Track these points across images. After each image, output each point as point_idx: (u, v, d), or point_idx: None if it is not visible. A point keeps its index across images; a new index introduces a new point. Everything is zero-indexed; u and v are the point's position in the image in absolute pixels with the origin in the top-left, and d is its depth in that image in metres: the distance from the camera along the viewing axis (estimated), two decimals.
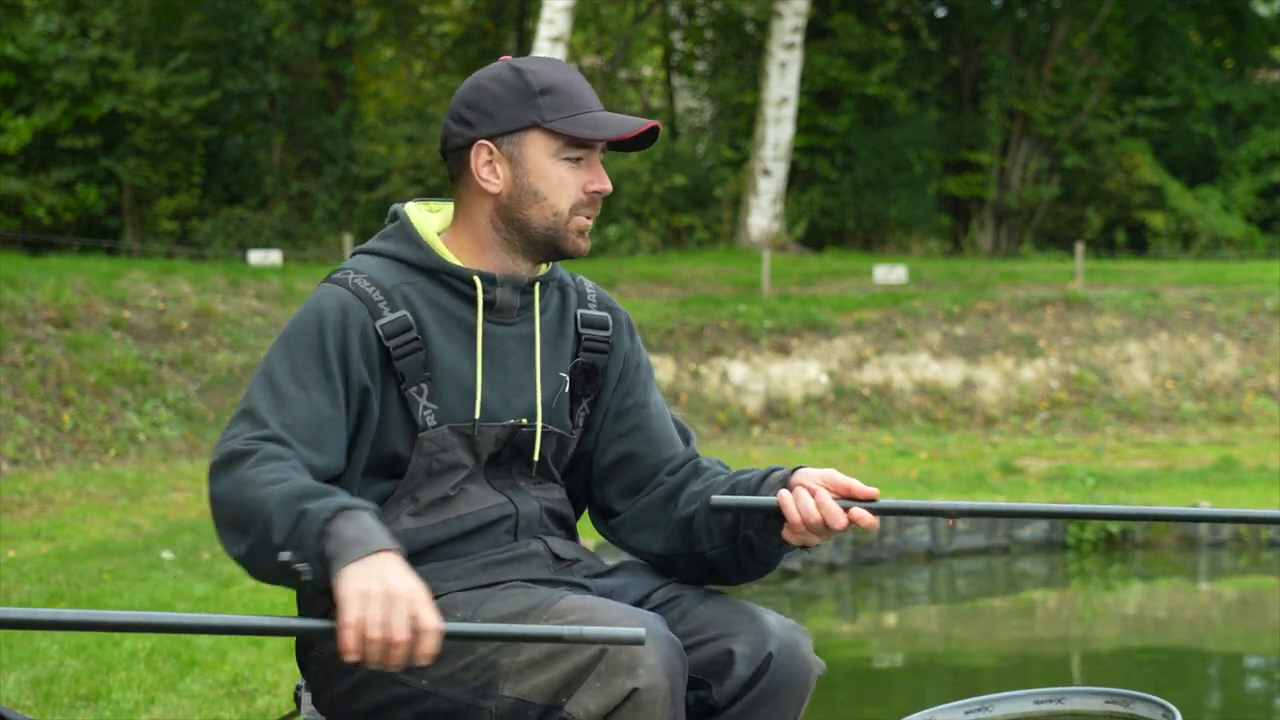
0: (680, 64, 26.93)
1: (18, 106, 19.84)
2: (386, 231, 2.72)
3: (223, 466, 2.50)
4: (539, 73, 2.64)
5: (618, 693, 2.34)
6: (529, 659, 2.42)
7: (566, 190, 2.64)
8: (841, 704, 7.63)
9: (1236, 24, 26.37)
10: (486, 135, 2.63)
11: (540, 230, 2.65)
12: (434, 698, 2.49)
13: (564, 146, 2.63)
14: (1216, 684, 8.48)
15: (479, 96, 2.65)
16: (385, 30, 24.96)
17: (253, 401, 2.52)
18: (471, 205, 2.68)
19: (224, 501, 2.48)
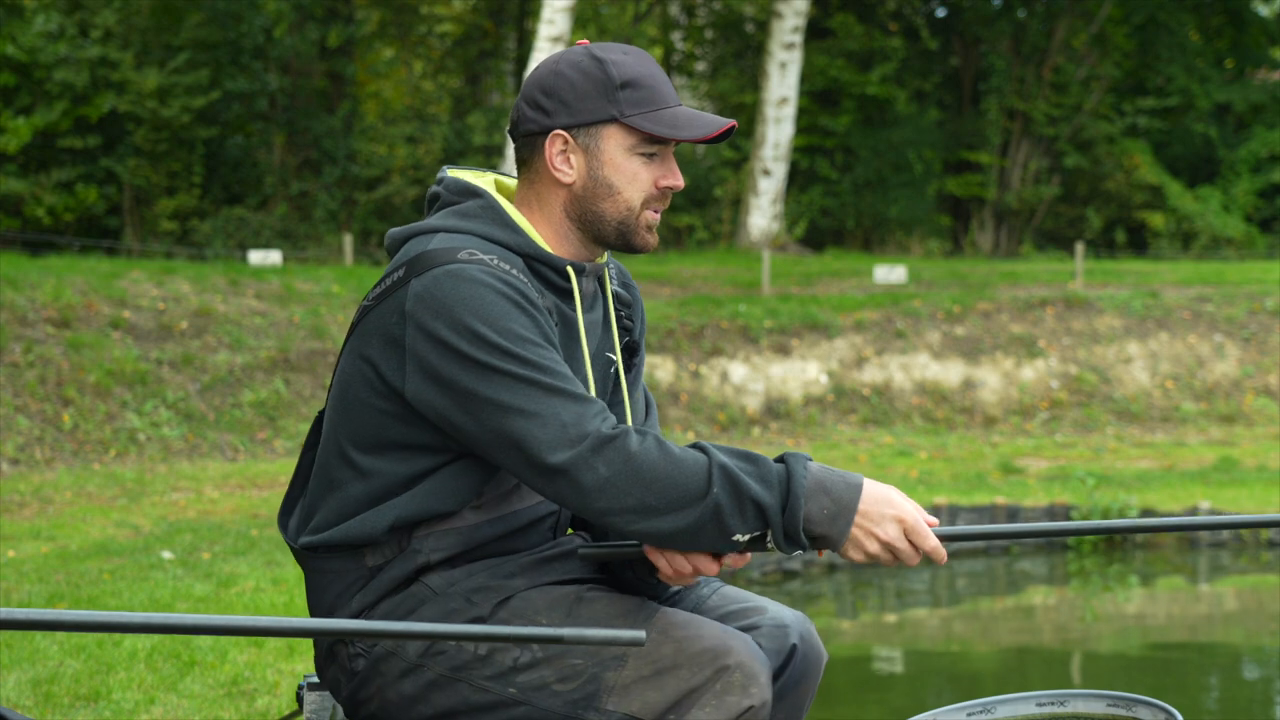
0: (680, 64, 26.94)
1: (18, 106, 19.84)
2: (470, 209, 2.59)
3: (598, 457, 2.38)
4: (621, 64, 2.58)
5: (734, 710, 2.40)
6: (636, 674, 2.43)
7: (640, 184, 2.60)
8: (842, 704, 7.63)
9: (1236, 24, 26.37)
10: (563, 125, 2.58)
11: (613, 224, 2.61)
12: (523, 707, 2.48)
13: (640, 142, 2.59)
14: (1216, 684, 8.48)
15: (558, 84, 2.58)
16: (385, 30, 24.96)
17: (546, 384, 2.40)
18: (544, 191, 2.62)
19: (650, 484, 2.38)
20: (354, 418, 2.55)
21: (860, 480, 2.43)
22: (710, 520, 2.37)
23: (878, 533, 2.43)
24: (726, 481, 2.37)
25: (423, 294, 2.45)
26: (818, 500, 2.40)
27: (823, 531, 2.41)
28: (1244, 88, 25.86)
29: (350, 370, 2.57)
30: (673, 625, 2.47)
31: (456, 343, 2.42)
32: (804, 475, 2.40)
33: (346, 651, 2.58)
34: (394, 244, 2.62)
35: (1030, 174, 25.06)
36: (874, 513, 2.43)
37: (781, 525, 2.38)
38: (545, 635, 2.24)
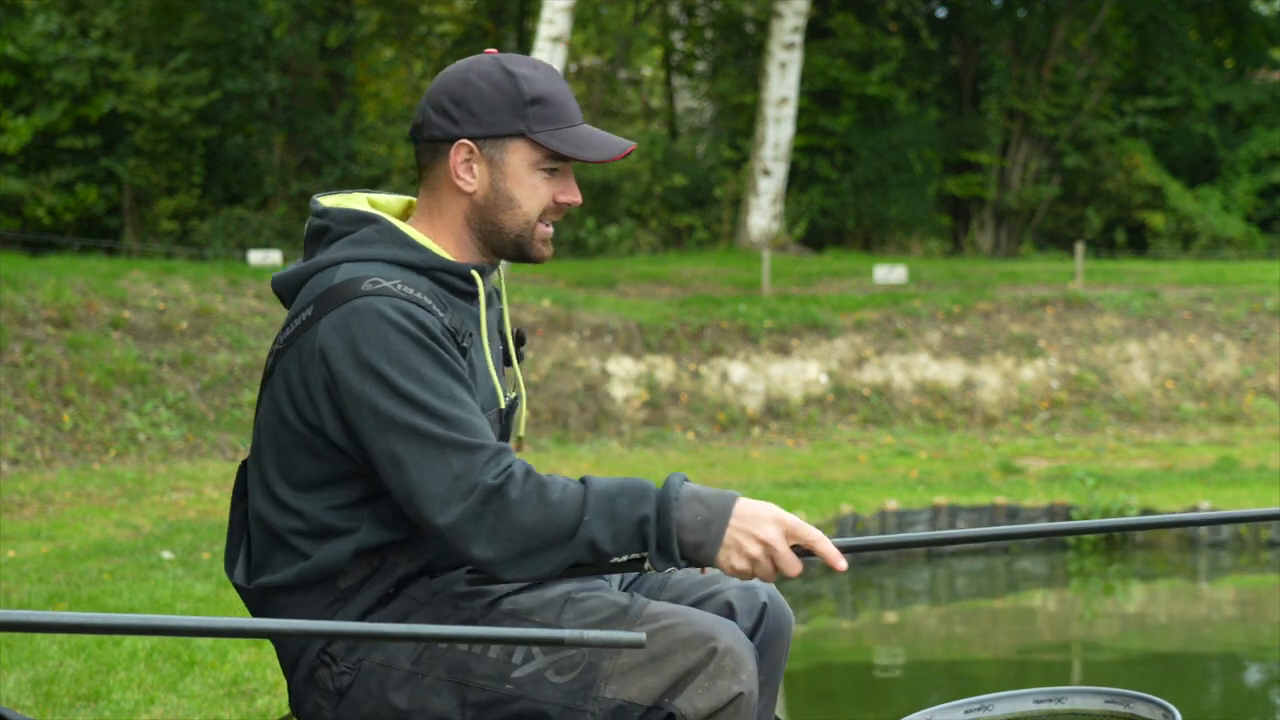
0: (680, 64, 26.93)
1: (18, 106, 19.83)
2: (367, 236, 2.62)
3: (486, 508, 2.43)
4: (531, 80, 2.62)
5: (724, 695, 2.46)
6: (632, 661, 2.49)
7: (539, 199, 2.65)
8: (841, 703, 7.64)
9: (1236, 24, 26.37)
10: (470, 135, 2.62)
11: (511, 235, 2.66)
12: (522, 701, 2.51)
13: (545, 158, 2.63)
14: (1216, 684, 8.48)
15: (468, 94, 2.62)
16: (385, 30, 24.96)
17: (439, 436, 2.44)
18: (445, 199, 2.67)
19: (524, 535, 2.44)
20: (285, 461, 2.58)
21: (737, 493, 2.47)
22: (585, 550, 2.43)
23: (756, 533, 2.44)
24: (601, 507, 2.42)
25: (331, 333, 2.50)
26: (691, 507, 2.44)
27: (697, 538, 2.43)
28: (1244, 88, 25.85)
29: (271, 416, 2.60)
30: (663, 614, 2.52)
31: (360, 387, 2.47)
32: (678, 486, 2.45)
33: (330, 671, 2.57)
34: (288, 288, 2.65)
35: (1030, 174, 25.06)
36: (750, 515, 2.45)
37: (655, 535, 2.42)
38: (547, 638, 2.24)
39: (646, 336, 15.48)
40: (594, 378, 14.98)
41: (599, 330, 15.40)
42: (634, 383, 15.10)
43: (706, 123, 26.83)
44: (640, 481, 2.46)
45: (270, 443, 2.60)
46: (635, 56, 26.96)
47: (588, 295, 16.31)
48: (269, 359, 2.61)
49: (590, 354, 15.17)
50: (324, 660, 2.58)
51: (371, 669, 2.55)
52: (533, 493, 2.43)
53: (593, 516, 2.41)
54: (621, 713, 2.49)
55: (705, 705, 2.46)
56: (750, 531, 2.44)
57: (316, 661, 2.59)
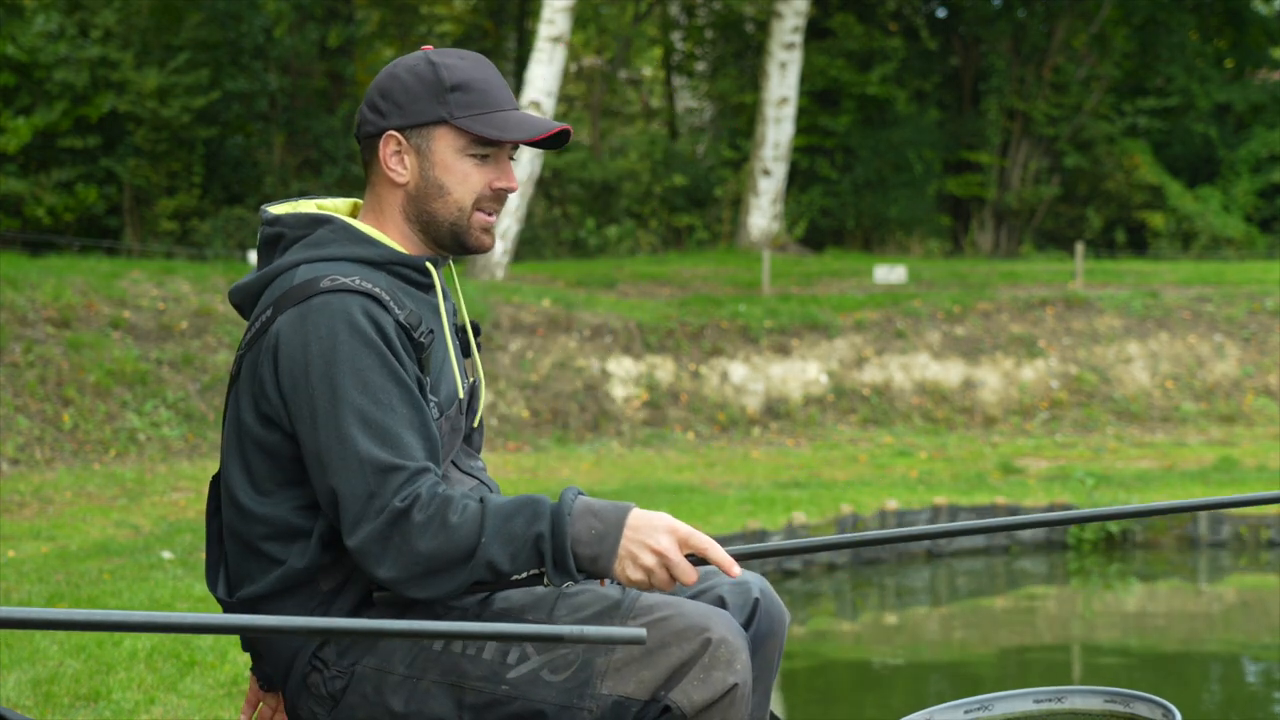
0: (680, 64, 26.93)
1: (18, 106, 19.83)
2: (322, 237, 2.64)
3: (393, 531, 2.44)
4: (453, 68, 2.65)
5: (720, 686, 2.46)
6: (627, 656, 2.50)
7: (471, 185, 2.66)
8: (841, 704, 7.64)
9: (1236, 24, 26.37)
10: (396, 126, 2.65)
11: (446, 224, 2.67)
12: (518, 702, 2.51)
13: (470, 143, 2.64)
14: (1216, 684, 8.48)
15: (392, 86, 2.66)
16: (385, 30, 24.97)
17: (363, 451, 2.45)
18: (384, 193, 2.69)
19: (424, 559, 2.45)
20: (246, 465, 2.59)
21: (631, 505, 2.48)
22: (484, 569, 2.44)
23: (650, 543, 2.45)
24: (497, 528, 2.43)
25: (286, 328, 2.53)
26: (585, 521, 2.45)
27: (592, 552, 2.44)
28: (1244, 88, 25.85)
29: (233, 421, 2.62)
30: (656, 606, 2.54)
31: (305, 381, 2.50)
32: (571, 501, 2.46)
33: (322, 676, 2.57)
34: (247, 296, 2.67)
35: (1030, 174, 25.06)
36: (644, 526, 2.46)
37: (550, 551, 2.43)
38: (547, 634, 2.24)
39: (646, 336, 15.48)
40: (594, 378, 14.98)
41: (599, 330, 15.40)
42: (634, 383, 15.10)
43: (706, 123, 26.83)
44: (536, 498, 2.47)
45: (234, 448, 2.62)
46: (635, 56, 26.96)
47: (588, 295, 16.31)
48: (234, 365, 2.64)
49: (590, 354, 15.16)
50: (315, 665, 2.58)
51: (365, 673, 2.55)
52: (435, 515, 2.43)
53: (490, 538, 2.42)
54: (619, 708, 2.49)
55: (701, 698, 2.46)
56: (644, 542, 2.45)
57: (308, 667, 2.58)
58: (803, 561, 10.96)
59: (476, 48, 25.25)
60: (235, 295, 2.69)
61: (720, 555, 2.48)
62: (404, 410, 2.50)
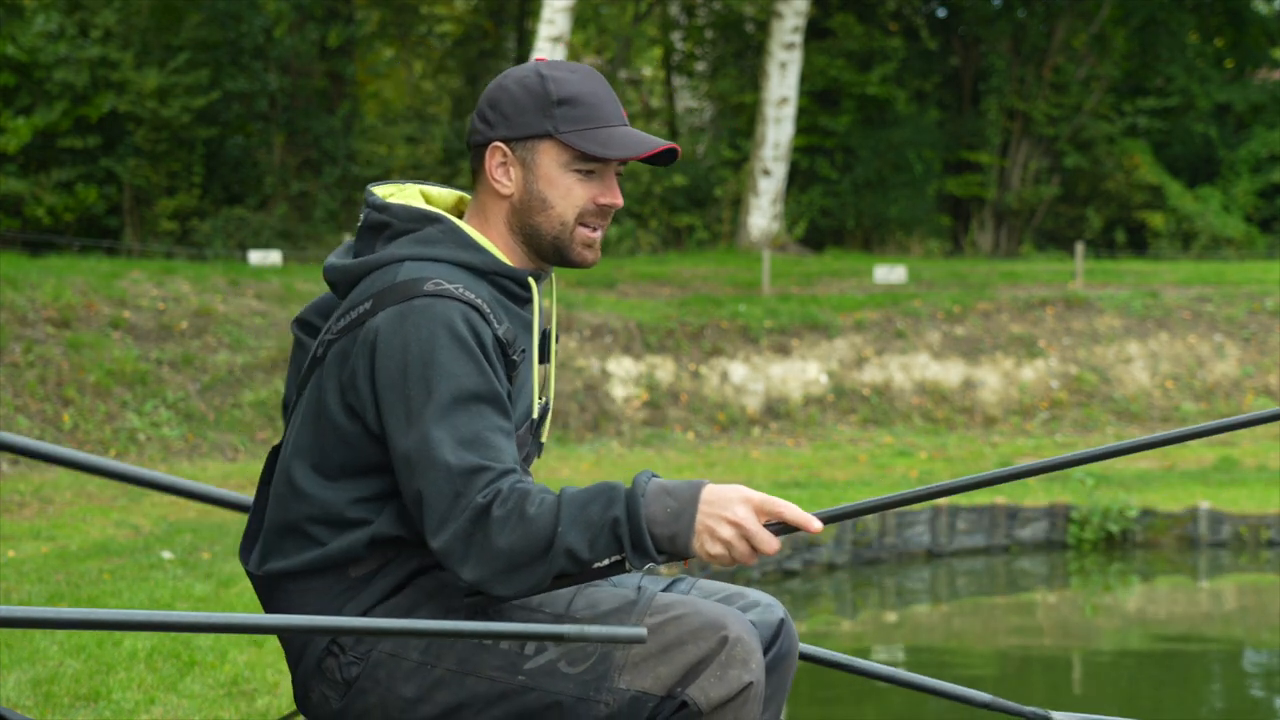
0: (680, 64, 26.93)
1: (18, 106, 19.83)
2: (431, 235, 2.64)
3: (475, 528, 2.44)
4: (562, 81, 2.64)
5: (735, 684, 2.49)
6: (644, 651, 2.51)
7: (574, 200, 2.65)
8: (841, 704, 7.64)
9: (1236, 24, 26.36)
10: (502, 138, 2.64)
11: (548, 238, 2.67)
12: (535, 693, 2.52)
13: (575, 159, 2.63)
14: (1217, 683, 8.48)
15: (500, 97, 2.65)
16: (385, 30, 24.96)
17: (452, 453, 2.45)
18: (488, 202, 2.69)
19: (505, 555, 2.44)
20: (318, 447, 2.60)
21: (704, 481, 2.48)
22: (564, 558, 2.43)
23: (725, 515, 2.44)
24: (574, 516, 2.43)
25: (385, 326, 2.52)
26: (660, 501, 2.44)
27: (669, 531, 2.43)
28: (1244, 88, 25.85)
29: (313, 402, 2.61)
30: (672, 605, 2.56)
31: (401, 382, 2.49)
32: (645, 483, 2.46)
33: (338, 661, 2.58)
34: (346, 278, 2.66)
35: (1030, 174, 25.06)
36: (718, 499, 2.45)
37: (629, 534, 2.42)
38: (548, 633, 2.24)
39: (646, 336, 15.48)
40: (594, 378, 14.98)
41: (599, 330, 15.40)
42: (634, 383, 15.10)
43: (706, 123, 26.83)
44: (610, 484, 2.47)
45: (308, 428, 2.62)
46: (635, 56, 26.96)
47: (588, 295, 16.31)
48: (318, 347, 2.63)
49: (590, 354, 15.17)
50: (332, 651, 2.59)
51: (380, 659, 2.56)
52: (514, 510, 2.43)
53: (567, 526, 2.42)
54: (635, 703, 2.51)
55: (718, 695, 2.48)
56: (719, 515, 2.44)
57: (324, 652, 2.59)
58: (802, 561, 10.96)
59: (476, 48, 25.25)
60: (333, 273, 2.68)
61: (798, 515, 2.47)
62: (495, 418, 2.50)
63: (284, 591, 2.63)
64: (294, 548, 2.62)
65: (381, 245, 2.66)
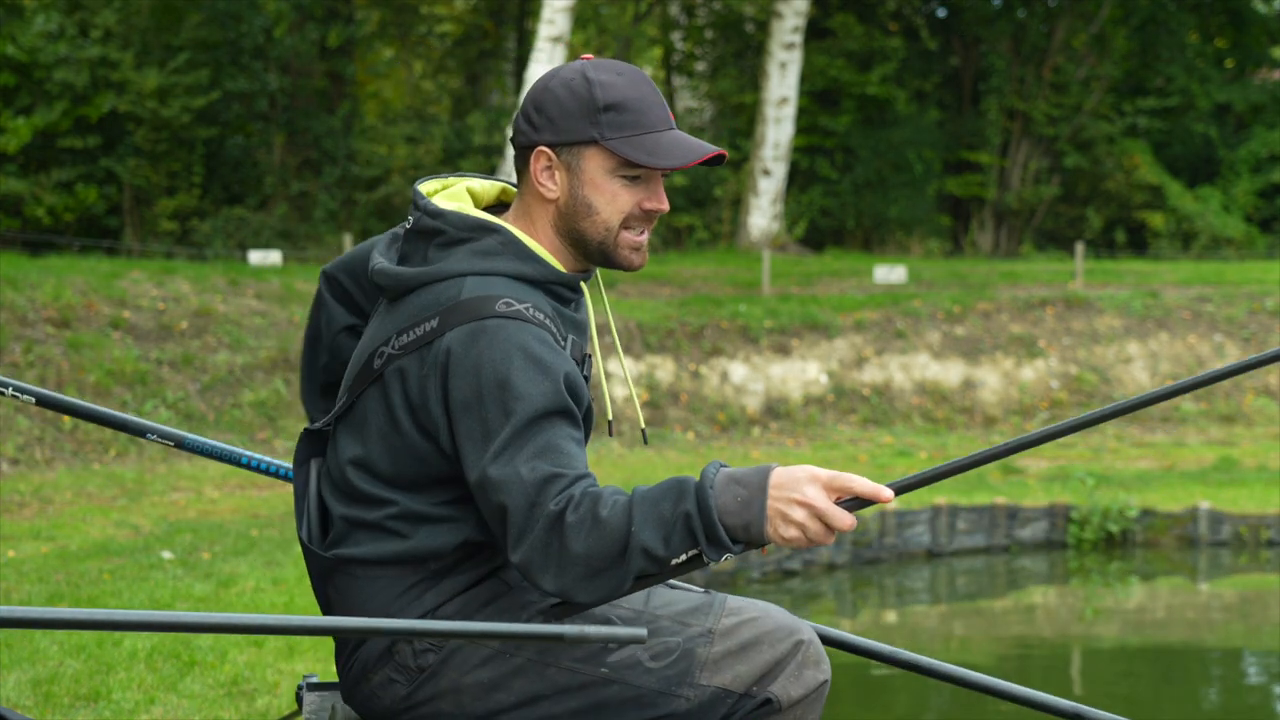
0: (680, 64, 26.93)
1: (18, 106, 19.83)
2: (490, 247, 2.61)
3: (551, 536, 2.43)
4: (609, 85, 2.61)
5: (812, 683, 2.60)
6: (725, 649, 2.58)
7: (620, 206, 2.64)
8: (841, 704, 7.63)
9: (1236, 24, 26.37)
10: (547, 142, 2.62)
11: (594, 242, 2.67)
12: (617, 685, 2.56)
13: (621, 165, 2.61)
14: (1216, 683, 8.48)
15: (547, 100, 2.62)
16: (385, 30, 24.96)
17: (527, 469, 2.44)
18: (533, 205, 2.67)
19: (582, 560, 2.43)
20: (398, 459, 2.59)
21: (771, 465, 2.46)
22: (641, 558, 2.41)
23: (795, 497, 2.41)
24: (647, 514, 2.41)
25: (458, 348, 2.50)
26: (730, 490, 2.43)
27: (741, 520, 2.41)
28: (1244, 88, 25.85)
29: (380, 414, 2.60)
30: (744, 608, 2.64)
31: (477, 406, 2.48)
32: (714, 473, 2.45)
33: (413, 647, 2.59)
34: (399, 286, 2.62)
35: (1030, 174, 25.06)
36: (786, 482, 2.43)
37: (702, 527, 2.41)
38: (548, 634, 2.24)
39: (646, 336, 15.48)
40: (593, 378, 14.98)
41: (599, 330, 15.39)
42: (634, 383, 15.11)
43: (706, 123, 26.83)
44: (679, 480, 2.45)
45: (381, 437, 2.59)
46: (635, 56, 26.96)
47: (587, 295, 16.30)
48: (378, 359, 2.60)
49: None
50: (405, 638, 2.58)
51: (459, 646, 2.57)
52: (586, 514, 2.42)
53: (639, 526, 2.40)
54: (715, 699, 2.57)
55: (797, 693, 2.58)
56: (789, 498, 2.41)
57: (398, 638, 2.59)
58: (802, 561, 10.95)
59: (476, 48, 25.25)
60: (385, 279, 2.63)
61: (868, 488, 2.44)
62: (567, 428, 2.50)
63: (351, 576, 2.62)
64: (370, 539, 2.61)
65: (435, 253, 2.63)
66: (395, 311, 2.61)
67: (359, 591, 2.61)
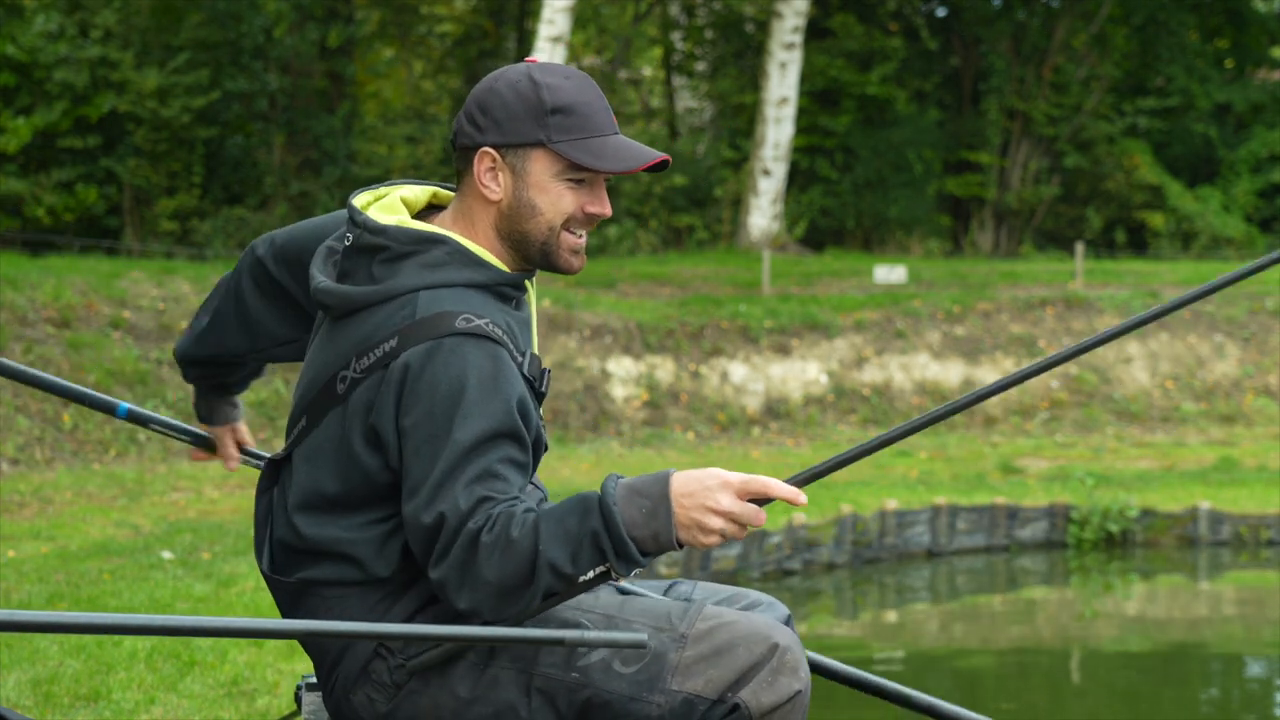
0: (680, 64, 26.93)
1: (18, 106, 19.83)
2: (437, 258, 2.59)
3: (467, 556, 2.43)
4: (556, 89, 2.60)
5: (786, 691, 2.52)
6: (698, 654, 2.53)
7: (563, 208, 2.63)
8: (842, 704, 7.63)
9: (1236, 24, 26.36)
10: (493, 143, 2.61)
11: (536, 244, 2.64)
12: (588, 690, 2.53)
13: (567, 168, 2.61)
14: (1216, 682, 8.48)
15: (492, 102, 2.61)
16: (385, 30, 24.95)
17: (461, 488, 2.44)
18: (475, 206, 2.66)
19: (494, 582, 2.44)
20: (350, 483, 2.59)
21: (668, 471, 2.46)
22: (549, 576, 2.42)
23: (710, 505, 2.43)
24: (553, 532, 2.42)
25: (414, 366, 2.50)
26: (633, 503, 2.43)
27: (649, 531, 2.42)
28: (1244, 88, 25.85)
29: (336, 436, 2.59)
30: (720, 613, 2.59)
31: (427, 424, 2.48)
32: (613, 489, 2.44)
33: (388, 664, 2.58)
34: (348, 305, 2.60)
35: (1030, 174, 25.06)
36: (696, 490, 2.44)
37: (610, 544, 2.41)
38: (548, 639, 2.24)
39: (646, 336, 15.48)
40: (594, 378, 14.98)
41: (599, 330, 15.40)
42: (634, 383, 15.10)
43: (706, 123, 26.82)
44: (583, 496, 2.45)
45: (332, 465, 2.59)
46: (635, 56, 26.96)
47: (588, 295, 16.31)
48: (340, 383, 2.58)
49: (590, 354, 15.16)
50: (380, 654, 2.58)
51: (432, 660, 2.56)
52: (499, 534, 2.42)
53: (546, 544, 2.41)
54: (687, 705, 2.51)
55: (769, 700, 2.50)
56: (704, 506, 2.43)
57: (372, 655, 2.59)
58: (802, 561, 10.95)
59: (476, 48, 25.25)
60: (331, 298, 2.62)
61: (783, 490, 2.46)
62: (512, 450, 2.49)
63: (320, 597, 2.62)
64: (330, 561, 2.61)
65: (379, 269, 2.60)
66: (346, 331, 2.60)
67: (329, 613, 2.61)
